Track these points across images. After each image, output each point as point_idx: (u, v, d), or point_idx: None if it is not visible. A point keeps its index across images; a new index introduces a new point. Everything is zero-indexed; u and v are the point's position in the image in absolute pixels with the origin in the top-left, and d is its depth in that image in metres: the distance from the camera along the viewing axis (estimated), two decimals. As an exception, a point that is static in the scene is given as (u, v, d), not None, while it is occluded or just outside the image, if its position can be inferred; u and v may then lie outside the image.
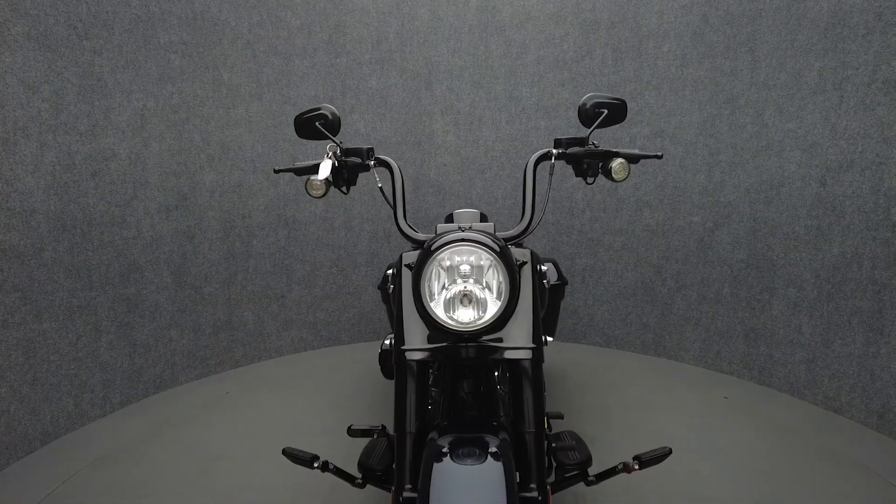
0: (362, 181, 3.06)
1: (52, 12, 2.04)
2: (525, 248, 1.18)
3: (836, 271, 2.23)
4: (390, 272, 1.22)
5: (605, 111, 1.26)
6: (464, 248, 1.01)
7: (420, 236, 1.22)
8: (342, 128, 2.99)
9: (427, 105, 3.06)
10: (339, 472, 1.31)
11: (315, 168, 1.31)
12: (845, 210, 2.19)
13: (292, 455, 1.31)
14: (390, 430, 1.84)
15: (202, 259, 2.65)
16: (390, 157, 1.55)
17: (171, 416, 2.30)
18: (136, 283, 2.40)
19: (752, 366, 2.59)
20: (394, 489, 1.03)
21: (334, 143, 1.28)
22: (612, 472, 1.28)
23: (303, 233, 2.97)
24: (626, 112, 1.27)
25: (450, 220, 1.65)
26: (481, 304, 1.02)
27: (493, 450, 0.93)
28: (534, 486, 0.99)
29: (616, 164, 1.23)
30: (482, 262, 1.02)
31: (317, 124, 1.28)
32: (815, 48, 2.24)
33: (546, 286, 1.49)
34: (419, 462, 1.04)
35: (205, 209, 2.64)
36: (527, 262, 1.14)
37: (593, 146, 1.26)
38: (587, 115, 1.28)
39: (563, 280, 2.07)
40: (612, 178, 1.24)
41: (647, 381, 2.60)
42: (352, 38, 2.94)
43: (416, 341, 1.08)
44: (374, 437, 1.39)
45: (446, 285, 1.02)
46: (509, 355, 1.06)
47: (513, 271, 1.02)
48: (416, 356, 1.07)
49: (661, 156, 1.28)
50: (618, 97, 1.27)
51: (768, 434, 2.11)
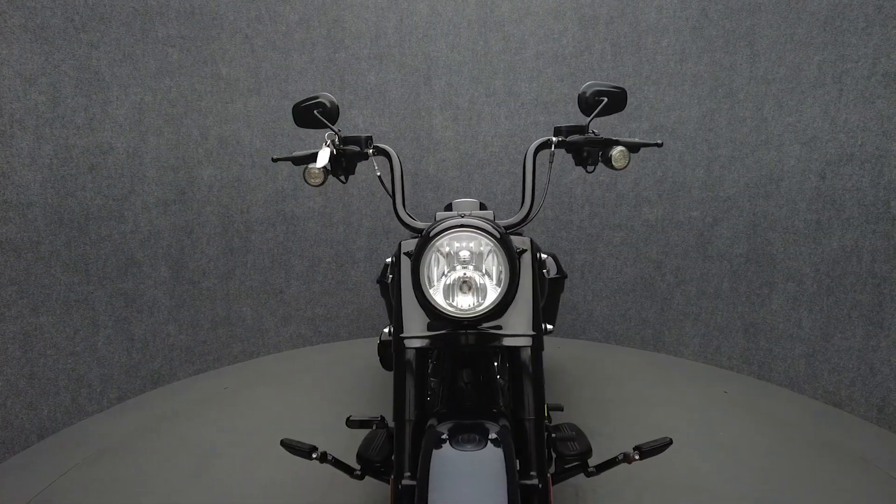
0: (361, 172, 3.06)
1: (48, 4, 2.03)
2: (525, 237, 1.17)
3: (836, 265, 2.22)
4: (389, 260, 1.21)
5: (605, 99, 1.25)
6: (463, 233, 1.00)
7: (419, 224, 1.21)
8: (340, 116, 2.98)
9: (426, 100, 3.05)
10: (337, 464, 1.30)
11: (313, 157, 1.30)
12: (845, 203, 2.18)
13: (290, 446, 1.30)
14: (389, 421, 1.83)
15: (200, 254, 2.64)
16: (389, 146, 1.54)
17: (169, 411, 2.29)
18: (134, 278, 2.39)
19: (752, 360, 2.58)
20: (393, 478, 1.03)
21: (332, 131, 1.27)
22: (612, 462, 1.27)
23: (301, 228, 2.96)
24: (627, 100, 1.27)
25: (449, 209, 1.65)
26: (481, 291, 1.01)
27: (493, 436, 0.92)
28: (534, 473, 0.99)
29: (616, 151, 1.22)
30: (482, 249, 1.01)
31: (315, 112, 1.27)
32: (814, 41, 2.23)
33: (546, 276, 1.48)
34: (418, 451, 1.04)
35: (203, 204, 2.63)
36: (526, 250, 1.13)
37: (593, 134, 1.25)
38: (587, 104, 1.27)
39: (562, 273, 2.06)
40: (612, 166, 1.24)
41: (647, 376, 2.60)
42: (350, 33, 2.94)
43: (415, 329, 1.07)
44: (373, 428, 1.38)
45: (445, 272, 1.01)
46: (509, 342, 1.05)
47: (513, 258, 1.02)
48: (416, 344, 1.07)
49: (661, 144, 1.27)
50: (618, 85, 1.26)
51: (768, 428, 2.10)
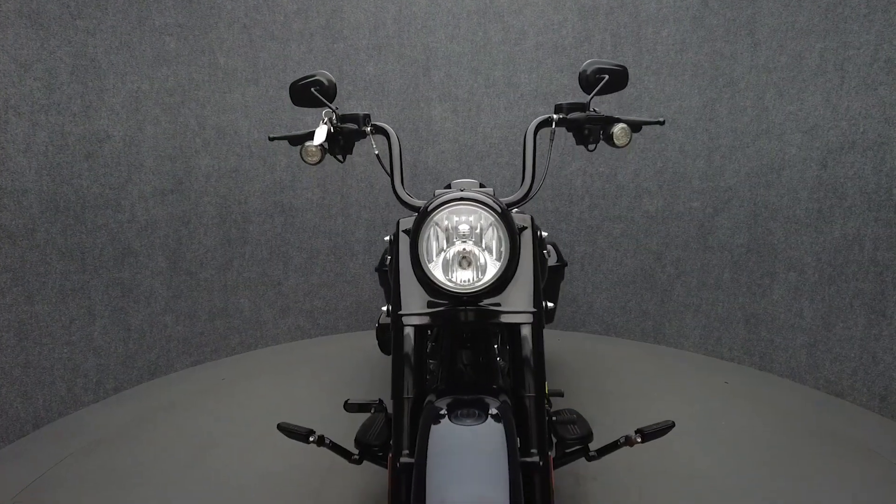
0: (359, 154, 3.04)
1: (44, -10, 2.01)
2: (525, 214, 1.15)
3: (838, 254, 2.21)
4: (387, 238, 1.20)
5: (607, 77, 1.23)
6: (463, 207, 0.99)
7: (418, 202, 1.20)
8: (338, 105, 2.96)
9: (425, 91, 3.04)
10: (335, 448, 1.28)
11: (310, 135, 1.29)
12: (847, 192, 2.17)
13: (287, 430, 1.28)
14: (387, 404, 1.82)
15: (198, 244, 2.62)
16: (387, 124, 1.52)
17: (165, 402, 2.27)
18: (131, 268, 2.37)
19: (753, 351, 2.57)
20: (391, 456, 1.01)
21: (330, 108, 1.25)
22: (614, 446, 1.25)
23: (299, 220, 2.94)
24: (628, 79, 1.25)
25: (448, 188, 1.63)
26: (480, 266, 0.99)
27: (493, 411, 0.90)
28: (534, 451, 0.97)
29: (618, 129, 1.21)
30: (481, 223, 0.99)
31: (312, 90, 1.26)
32: (815, 29, 2.22)
33: (546, 256, 1.47)
34: (416, 429, 1.02)
35: (200, 194, 2.61)
36: (527, 228, 1.12)
37: (594, 112, 1.24)
38: (588, 82, 1.25)
39: (562, 261, 2.05)
40: (613, 144, 1.22)
41: (647, 368, 2.58)
42: (349, 23, 2.92)
43: (413, 306, 1.06)
44: (371, 412, 1.37)
45: (445, 247, 0.99)
46: (509, 319, 1.03)
47: (513, 233, 1.00)
48: (414, 321, 1.05)
49: (663, 121, 1.25)
50: (619, 63, 1.25)
51: (769, 418, 2.09)
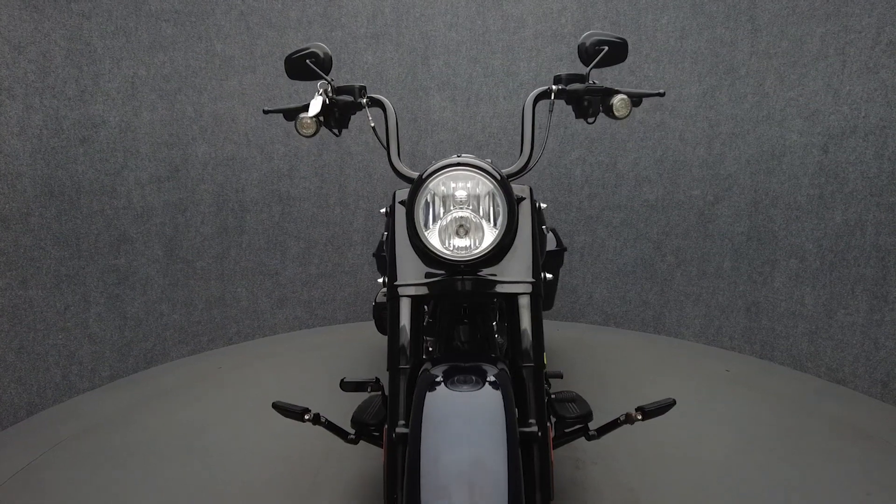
0: (356, 143, 3.02)
1: (39, -28, 1.99)
2: (524, 185, 1.14)
3: (839, 239, 2.19)
4: (383, 210, 1.18)
5: (606, 48, 1.22)
6: (460, 173, 0.97)
7: (414, 174, 1.18)
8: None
9: (423, 80, 3.02)
10: (330, 427, 1.27)
11: (306, 108, 1.27)
12: (848, 177, 2.15)
13: (282, 408, 1.26)
14: (385, 383, 1.80)
15: (194, 232, 2.60)
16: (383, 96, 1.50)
17: (161, 389, 2.25)
18: (127, 255, 2.35)
19: (754, 340, 2.55)
20: (386, 427, 0.99)
21: (325, 80, 1.23)
22: (614, 424, 1.24)
23: (297, 209, 2.93)
24: (627, 51, 1.23)
25: None
26: (478, 234, 0.97)
27: (491, 379, 0.88)
28: (533, 421, 0.95)
29: (617, 100, 1.19)
30: (479, 190, 0.97)
31: (307, 62, 1.24)
32: (816, 13, 2.20)
33: (546, 232, 1.45)
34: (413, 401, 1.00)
35: (197, 182, 2.59)
36: (525, 198, 1.10)
37: (593, 84, 1.22)
38: (587, 53, 1.24)
39: (562, 247, 2.03)
40: (613, 116, 1.21)
41: (647, 357, 2.57)
42: (347, 11, 2.90)
43: (410, 277, 1.04)
44: (368, 390, 1.35)
45: (441, 214, 0.98)
46: (507, 289, 1.01)
47: (511, 200, 0.98)
48: (410, 291, 1.03)
49: (663, 93, 1.24)
50: (619, 36, 1.23)
51: (771, 403, 2.07)
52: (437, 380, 0.88)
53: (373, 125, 1.28)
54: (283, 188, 2.87)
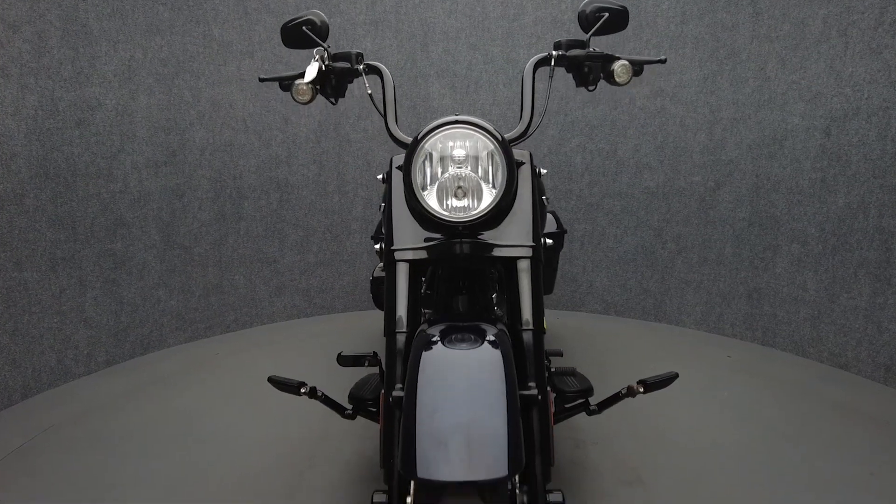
0: (355, 130, 3.00)
1: (34, -49, 1.97)
2: (524, 150, 1.12)
3: (842, 223, 2.17)
4: (381, 177, 1.16)
5: (606, 14, 1.20)
6: (458, 131, 0.95)
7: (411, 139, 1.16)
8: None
9: (423, 67, 3.00)
10: (327, 401, 1.24)
11: (301, 76, 1.25)
12: (851, 159, 2.13)
13: (278, 382, 1.24)
14: (382, 357, 1.78)
15: (192, 218, 2.58)
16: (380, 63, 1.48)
17: (158, 375, 2.22)
18: (123, 239, 2.33)
19: (756, 327, 2.53)
20: (383, 392, 0.97)
21: (322, 47, 1.21)
22: (615, 398, 1.21)
23: (295, 196, 2.91)
24: (628, 20, 1.22)
25: None
26: (476, 194, 0.95)
27: (490, 338, 0.86)
28: (532, 384, 0.93)
29: (618, 65, 1.17)
30: (478, 148, 0.95)
31: (304, 29, 1.22)
32: (819, -5, 2.19)
33: (546, 203, 1.43)
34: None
35: (194, 167, 2.57)
36: (525, 163, 1.08)
37: (594, 50, 1.20)
38: (587, 20, 1.22)
39: (562, 229, 2.01)
40: (614, 82, 1.19)
41: (648, 345, 2.55)
42: (346, -2, 2.88)
43: (407, 241, 1.02)
44: (366, 364, 1.33)
45: (440, 174, 0.96)
46: (506, 253, 0.99)
47: (511, 160, 0.96)
48: (408, 256, 1.01)
49: (664, 60, 1.22)
50: (620, 3, 1.21)
51: (773, 387, 2.05)
52: (434, 339, 0.86)
53: (370, 92, 1.26)
54: (281, 175, 2.85)
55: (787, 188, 2.35)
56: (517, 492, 0.87)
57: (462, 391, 0.77)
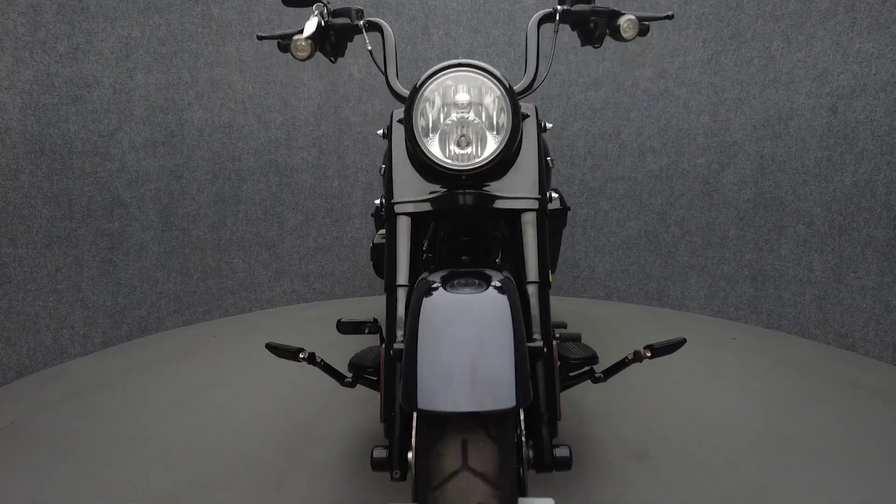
0: (354, 114, 2.97)
1: (30, -77, 1.95)
2: (529, 103, 1.09)
3: (849, 202, 2.14)
4: (381, 132, 1.13)
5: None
6: (462, 74, 0.92)
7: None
8: (336, 65, 2.90)
9: (424, 51, 2.97)
10: (326, 368, 1.21)
11: (300, 32, 1.22)
12: (858, 136, 2.10)
13: (276, 348, 1.21)
14: (383, 325, 1.76)
15: (190, 200, 2.55)
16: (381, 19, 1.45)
17: (156, 355, 2.19)
18: (121, 219, 2.30)
19: (761, 310, 2.50)
20: (383, 347, 0.94)
21: (321, 2, 1.19)
22: (621, 364, 1.18)
23: (295, 180, 2.88)
24: None
25: None
26: (481, 142, 0.92)
27: (496, 284, 0.82)
28: (537, 336, 0.90)
29: (624, 20, 1.15)
30: (482, 93, 0.92)
31: (302, -17, 1.19)
32: (825, -29, 2.16)
33: (551, 165, 1.40)
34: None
35: (193, 148, 2.54)
36: (530, 116, 1.05)
37: (599, 6, 1.17)
38: None
39: (565, 206, 1.98)
40: (620, 38, 1.16)
41: (651, 329, 2.52)
42: (346, -21, 2.86)
43: (407, 194, 0.99)
44: (366, 331, 1.30)
45: (442, 120, 0.93)
46: (511, 205, 0.96)
47: (517, 106, 0.93)
48: (408, 208, 0.98)
49: (672, 16, 1.19)
50: None
51: (780, 367, 2.02)
52: (435, 285, 0.82)
53: (370, 48, 1.23)
54: (280, 158, 2.82)
55: (792, 168, 2.32)
56: (524, 447, 0.84)
57: (466, 329, 0.73)
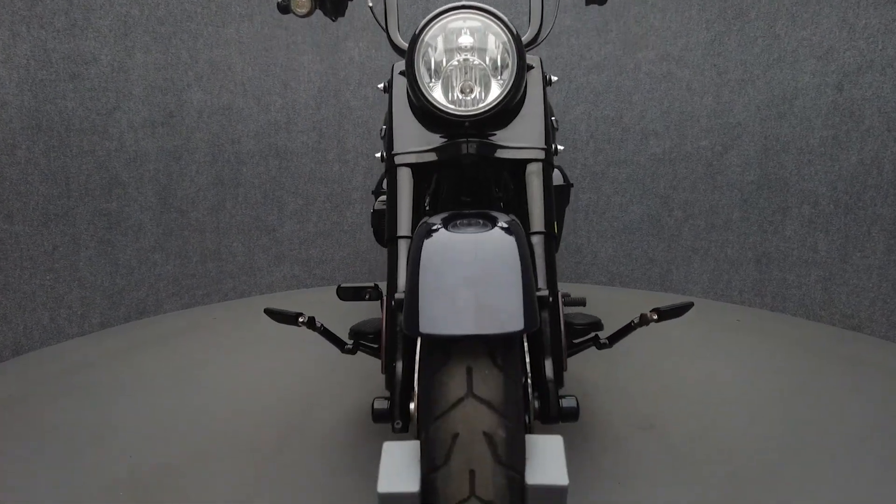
0: (355, 98, 2.94)
1: None
2: (534, 56, 1.06)
3: (855, 181, 2.12)
4: (381, 86, 1.10)
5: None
6: (465, 15, 0.89)
7: None
8: (335, 51, 2.87)
9: (426, 6, 2.95)
10: (326, 333, 1.19)
11: (300, -11, 1.20)
12: (864, 114, 2.08)
13: (275, 312, 1.19)
14: (384, 289, 1.73)
15: (189, 182, 2.53)
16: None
17: (155, 335, 2.17)
18: (119, 199, 2.28)
19: (765, 292, 2.47)
20: (385, 297, 0.92)
21: (321, -44, 1.16)
22: (627, 329, 1.15)
23: (295, 164, 2.85)
24: None
25: None
26: (485, 87, 0.90)
27: (502, 224, 0.79)
28: (542, 286, 0.88)
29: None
30: (487, 37, 0.90)
31: (302, -61, 1.17)
32: (830, -53, 2.14)
33: (556, 125, 1.38)
34: None
35: (192, 130, 2.52)
36: (535, 67, 1.03)
37: None
38: None
39: (568, 182, 1.96)
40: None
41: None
42: (346, -38, 2.83)
43: (409, 144, 0.97)
44: (366, 298, 1.27)
45: (444, 64, 0.90)
46: (516, 155, 0.94)
47: (521, 52, 0.91)
48: (410, 159, 0.96)
49: None
50: None
51: (786, 347, 2.00)
52: (436, 227, 0.79)
53: (370, 4, 1.21)
54: (280, 141, 2.80)
55: (796, 148, 2.30)
56: (529, 398, 0.81)
57: (470, 267, 0.70)
